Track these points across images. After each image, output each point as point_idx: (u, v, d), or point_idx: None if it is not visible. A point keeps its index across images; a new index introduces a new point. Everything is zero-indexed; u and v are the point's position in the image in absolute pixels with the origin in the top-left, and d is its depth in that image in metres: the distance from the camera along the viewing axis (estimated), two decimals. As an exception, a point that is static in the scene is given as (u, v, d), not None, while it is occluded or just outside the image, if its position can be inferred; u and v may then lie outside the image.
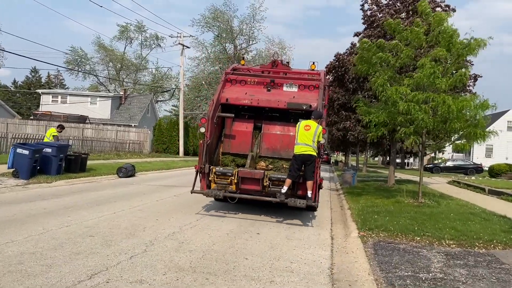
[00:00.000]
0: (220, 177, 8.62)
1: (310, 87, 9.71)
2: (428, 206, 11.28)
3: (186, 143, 38.33)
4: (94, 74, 59.78)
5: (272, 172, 8.77)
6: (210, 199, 10.84)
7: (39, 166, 13.25)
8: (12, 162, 12.76)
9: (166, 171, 21.12)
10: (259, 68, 11.19)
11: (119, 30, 65.43)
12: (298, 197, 8.56)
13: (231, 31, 52.35)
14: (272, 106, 9.28)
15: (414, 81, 11.15)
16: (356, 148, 40.69)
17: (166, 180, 16.23)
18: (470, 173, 39.07)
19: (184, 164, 25.84)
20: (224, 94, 9.47)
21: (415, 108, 10.64)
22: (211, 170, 8.67)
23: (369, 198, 12.96)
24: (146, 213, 8.45)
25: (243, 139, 9.53)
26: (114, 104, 46.49)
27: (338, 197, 14.61)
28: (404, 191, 13.61)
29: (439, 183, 22.10)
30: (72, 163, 15.07)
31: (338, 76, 18.55)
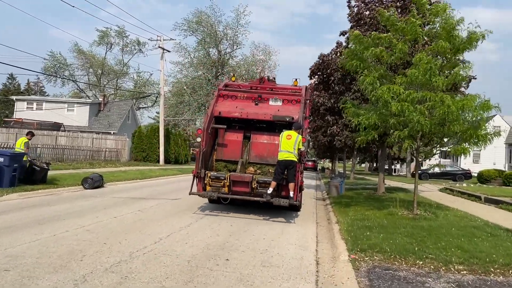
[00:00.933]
0: (214, 180, 9.91)
1: (292, 101, 11.12)
2: (425, 218, 10.08)
3: (167, 151, 36.77)
4: (73, 80, 57.90)
5: (260, 176, 10.13)
6: (180, 213, 9.64)
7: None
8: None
9: (140, 181, 19.64)
10: (248, 84, 12.62)
11: (99, 35, 63.74)
12: (281, 197, 9.83)
13: (215, 36, 51.09)
14: (260, 118, 10.64)
15: (408, 79, 10.00)
16: (343, 155, 39.65)
17: (137, 191, 14.78)
18: (459, 179, 38.27)
19: (162, 173, 24.35)
20: (217, 108, 10.77)
21: (409, 109, 9.47)
22: (206, 175, 9.98)
23: (359, 210, 11.73)
24: (94, 235, 7.03)
25: (234, 147, 10.92)
26: (92, 111, 44.74)
27: (325, 208, 13.35)
28: (396, 200, 12.43)
29: (430, 190, 21.04)
30: (31, 174, 13.54)
31: (323, 78, 17.39)
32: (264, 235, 7.98)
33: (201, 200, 12.29)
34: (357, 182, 26.81)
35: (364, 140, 10.84)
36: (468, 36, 9.86)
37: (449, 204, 14.16)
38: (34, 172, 13.60)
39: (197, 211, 10.54)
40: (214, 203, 11.71)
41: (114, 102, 48.18)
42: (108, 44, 65.69)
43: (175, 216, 9.45)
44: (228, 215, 10.19)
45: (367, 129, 10.75)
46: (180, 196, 13.33)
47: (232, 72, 52.78)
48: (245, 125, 11.17)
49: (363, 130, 10.76)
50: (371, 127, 10.63)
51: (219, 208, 11.25)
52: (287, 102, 11.16)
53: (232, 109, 10.74)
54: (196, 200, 12.44)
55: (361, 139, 10.80)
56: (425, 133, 10.00)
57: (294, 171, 9.56)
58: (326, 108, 17.46)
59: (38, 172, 13.74)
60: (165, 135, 37.51)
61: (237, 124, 11.25)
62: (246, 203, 10.73)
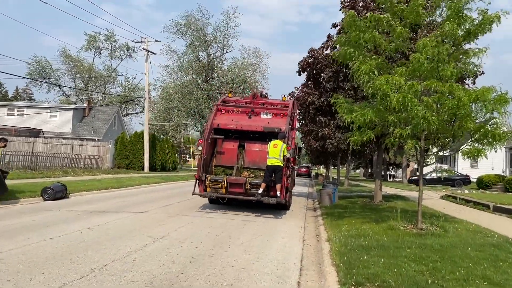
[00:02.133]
0: (214, 183, 11.49)
1: (281, 115, 12.70)
2: (433, 234, 8.44)
3: (152, 158, 35.01)
4: (58, 85, 56.04)
5: (252, 179, 11.72)
6: (137, 231, 7.94)
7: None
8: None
9: (115, 190, 17.86)
10: (243, 100, 14.53)
11: (87, 39, 61.98)
12: (270, 196, 11.38)
13: (204, 39, 49.54)
14: (252, 129, 12.34)
15: (410, 69, 8.42)
16: (336, 160, 38.07)
17: (102, 203, 13.04)
18: (457, 185, 36.83)
19: (142, 181, 22.58)
20: (216, 121, 12.46)
21: (412, 102, 7.87)
22: (206, 178, 11.55)
23: (354, 223, 10.10)
24: (3, 266, 5.32)
25: (230, 155, 12.62)
26: (76, 117, 42.94)
27: (315, 221, 11.69)
28: (397, 211, 10.81)
29: (431, 198, 19.43)
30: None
31: (313, 75, 15.81)
32: (234, 260, 6.30)
33: (168, 214, 10.65)
34: (351, 189, 25.19)
35: (359, 141, 9.21)
36: (480, 18, 8.29)
37: (456, 214, 12.55)
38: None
39: (159, 228, 8.84)
40: (213, 203, 13.31)
41: (100, 108, 46.38)
42: (97, 49, 64.04)
43: (128, 236, 7.74)
44: (199, 233, 8.52)
45: (362, 128, 9.15)
46: (148, 209, 11.62)
47: (223, 77, 51.35)
48: (240, 135, 12.93)
49: (358, 129, 9.15)
50: (366, 125, 9.02)
51: (189, 225, 9.58)
52: (276, 115, 12.78)
53: (229, 122, 12.45)
54: (164, 213, 10.78)
55: (355, 139, 9.18)
56: (432, 132, 8.39)
57: (281, 174, 11.23)
58: (316, 108, 15.85)
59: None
60: (151, 141, 35.79)
61: (233, 135, 12.96)
62: (240, 203, 12.85)
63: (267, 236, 8.56)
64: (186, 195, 16.47)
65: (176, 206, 12.83)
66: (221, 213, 11.71)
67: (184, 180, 28.52)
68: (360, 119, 8.71)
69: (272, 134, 12.05)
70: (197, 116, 47.56)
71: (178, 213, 11.01)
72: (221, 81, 50.80)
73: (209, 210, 12.25)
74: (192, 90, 48.04)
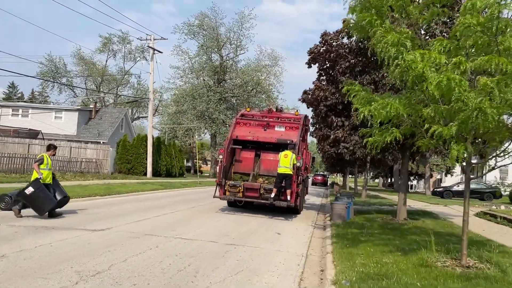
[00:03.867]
0: (232, 187, 13.05)
1: (293, 128, 13.99)
2: (486, 276, 5.90)
3: (157, 163, 32.96)
4: (68, 85, 54.83)
5: (266, 184, 13.12)
6: (66, 262, 5.59)
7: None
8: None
9: (99, 198, 15.68)
10: (259, 114, 15.80)
11: (102, 41, 60.91)
12: (282, 200, 12.71)
13: (217, 40, 47.56)
14: (267, 141, 13.75)
15: (454, 42, 5.97)
16: (354, 168, 35.32)
17: (64, 215, 10.82)
18: (487, 198, 33.63)
19: (137, 188, 20.38)
20: (235, 133, 13.96)
21: (461, 86, 5.42)
22: (226, 183, 13.15)
23: (372, 252, 7.63)
24: None
25: (247, 163, 14.05)
26: (82, 119, 41.32)
27: (322, 244, 9.22)
28: (427, 234, 8.28)
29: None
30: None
31: (326, 66, 13.40)
32: None
33: (131, 234, 8.35)
34: (369, 202, 22.50)
35: (379, 142, 6.77)
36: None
37: (503, 239, 9.89)
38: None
39: (100, 257, 6.52)
40: (232, 206, 14.61)
41: (107, 110, 44.72)
42: (111, 51, 62.96)
43: (49, 271, 5.45)
44: (150, 269, 6.17)
45: (385, 126, 6.71)
46: (113, 225, 9.33)
47: (236, 79, 49.22)
48: (256, 146, 14.12)
49: (378, 126, 6.72)
50: (390, 122, 6.59)
51: (144, 253, 7.24)
52: (288, 128, 14.04)
53: (246, 134, 13.85)
54: (128, 232, 8.46)
55: (374, 140, 6.75)
56: (487, 130, 5.87)
57: (290, 181, 12.44)
58: (328, 106, 13.39)
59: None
60: (156, 144, 33.82)
61: (250, 145, 14.17)
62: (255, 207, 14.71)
63: (249, 273, 6.15)
64: (177, 206, 14.20)
65: (151, 221, 10.53)
66: (196, 240, 9.38)
67: (187, 187, 26.29)
68: (382, 112, 6.27)
69: (284, 145, 13.31)
70: (208, 119, 45.48)
71: (147, 233, 8.70)
72: (233, 84, 48.69)
73: (183, 233, 9.92)
74: (203, 93, 46.08)
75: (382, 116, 6.43)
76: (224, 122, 45.06)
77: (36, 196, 9.61)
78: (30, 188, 9.65)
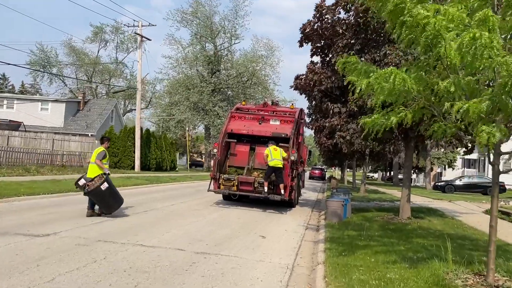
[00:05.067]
0: (226, 181, 13.05)
1: (287, 121, 14.16)
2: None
3: (146, 156, 31.45)
4: (59, 75, 53.10)
5: (260, 178, 13.02)
6: None
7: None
8: None
9: (73, 194, 14.13)
10: (254, 107, 16.00)
11: (93, 31, 59.09)
12: (276, 194, 12.73)
13: (211, 28, 45.86)
14: (262, 134, 13.81)
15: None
16: (352, 162, 33.89)
17: (15, 215, 9.36)
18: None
19: (120, 182, 18.67)
20: (230, 126, 14.13)
21: (492, 48, 3.95)
22: (220, 177, 13.17)
23: (373, 262, 6.21)
24: None
25: (242, 157, 14.14)
26: (70, 110, 39.72)
27: (313, 251, 7.78)
28: (435, 237, 6.86)
29: (472, 212, 15.26)
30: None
31: (320, 45, 11.89)
32: None
33: (78, 241, 6.89)
34: (368, 197, 21.08)
35: (380, 126, 5.30)
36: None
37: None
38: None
39: (17, 277, 5.06)
40: (226, 199, 14.68)
41: (96, 101, 43.15)
42: (103, 41, 61.21)
43: None
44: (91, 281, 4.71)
45: (392, 108, 5.25)
46: (62, 229, 7.85)
47: (231, 70, 47.63)
48: (251, 139, 14.07)
49: (379, 107, 5.26)
50: (396, 99, 5.13)
51: (78, 270, 5.77)
52: (283, 122, 14.01)
53: (241, 127, 13.83)
54: (75, 238, 6.99)
55: (372, 122, 5.31)
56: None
57: (281, 174, 12.44)
58: (323, 91, 11.88)
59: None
60: (145, 137, 32.30)
61: (245, 139, 14.14)
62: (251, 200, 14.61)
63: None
64: (155, 203, 12.74)
65: (113, 223, 9.08)
66: (159, 248, 7.93)
67: (175, 182, 24.82)
68: (384, 85, 4.80)
69: (280, 139, 13.38)
70: (201, 111, 43.93)
71: (100, 238, 7.24)
72: (228, 74, 47.05)
73: (147, 238, 8.47)
74: (196, 83, 44.49)
75: (384, 92, 4.96)
76: (218, 114, 43.50)
77: (108, 193, 9.26)
78: (105, 184, 9.19)
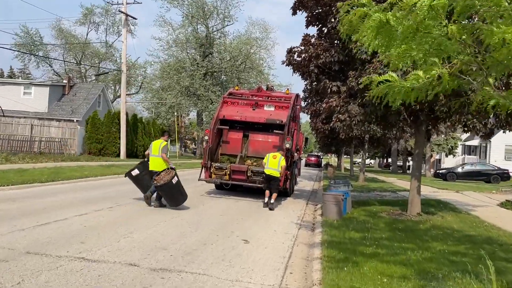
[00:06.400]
0: (218, 170, 12.46)
1: (283, 107, 13.51)
2: None
3: (132, 142, 29.72)
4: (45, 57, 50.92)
5: (254, 167, 12.41)
6: None
7: None
8: None
9: (39, 185, 12.44)
10: (248, 92, 15.73)
11: (82, 12, 56.68)
12: None
13: (202, 9, 43.73)
14: (255, 121, 13.19)
15: None
16: (350, 148, 32.32)
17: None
18: (494, 181, 30.88)
19: (98, 171, 17.13)
20: (222, 112, 13.41)
21: None
22: (212, 165, 12.52)
23: (385, 282, 4.62)
24: None
25: (235, 144, 13.49)
26: (54, 95, 37.68)
27: (306, 262, 6.18)
28: (459, 241, 5.30)
29: (485, 204, 13.73)
30: None
31: (317, 12, 10.15)
32: None
33: None
34: (368, 186, 19.57)
35: (395, 93, 3.65)
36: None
37: None
38: None
39: None
40: (218, 188, 13.99)
41: (82, 85, 41.14)
42: (93, 23, 58.84)
43: None
44: None
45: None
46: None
47: (224, 53, 45.68)
48: (244, 126, 13.63)
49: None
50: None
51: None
52: (278, 108, 13.57)
53: (234, 113, 13.35)
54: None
55: (385, 87, 3.66)
56: None
57: (277, 184, 11.35)
58: (320, 67, 10.16)
59: None
60: (131, 122, 30.58)
61: (238, 125, 13.71)
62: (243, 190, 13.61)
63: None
64: (127, 197, 11.05)
65: (61, 225, 7.45)
66: (104, 263, 6.32)
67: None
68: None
69: (275, 125, 12.87)
70: (192, 96, 42.10)
71: (32, 250, 5.62)
72: (221, 57, 45.08)
73: (94, 247, 6.85)
74: (187, 67, 42.56)
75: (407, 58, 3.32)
76: (211, 99, 41.68)
77: (177, 187, 9.45)
78: (176, 178, 9.39)
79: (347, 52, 9.85)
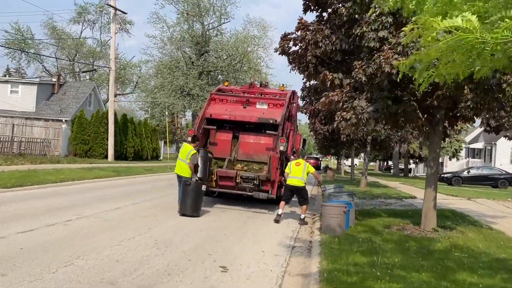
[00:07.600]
0: None
1: (277, 105, 12.17)
2: None
3: (121, 143, 28.23)
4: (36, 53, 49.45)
5: (243, 172, 11.10)
6: None
7: None
8: None
9: (4, 191, 11.08)
10: (239, 89, 14.36)
11: (76, 11, 55.27)
12: (261, 191, 10.73)
13: (198, 6, 42.30)
14: (246, 120, 11.83)
15: None
16: (350, 151, 30.86)
17: None
18: (502, 186, 29.40)
19: (78, 175, 15.58)
20: (209, 110, 12.03)
21: None
22: None
23: None
24: None
25: (224, 146, 12.19)
26: (43, 94, 36.18)
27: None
28: (492, 270, 3.86)
29: (503, 215, 12.26)
30: None
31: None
32: None
33: None
34: (372, 192, 18.08)
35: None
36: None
37: None
38: None
39: None
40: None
41: (72, 84, 39.67)
42: (87, 21, 57.38)
43: None
44: None
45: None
46: None
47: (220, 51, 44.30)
48: (234, 126, 12.31)
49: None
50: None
51: None
52: (272, 105, 12.20)
53: (222, 112, 11.96)
54: None
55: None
56: None
57: (305, 194, 9.93)
58: (319, 57, 8.68)
59: None
60: (121, 122, 29.12)
61: (227, 125, 12.39)
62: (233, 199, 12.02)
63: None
64: (106, 203, 9.57)
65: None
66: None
67: (151, 173, 21.72)
68: None
69: (269, 125, 11.77)
70: (186, 96, 40.64)
71: None
72: (218, 56, 43.64)
73: (29, 275, 5.36)
74: (182, 66, 41.13)
75: None
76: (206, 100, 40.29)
77: (201, 193, 9.63)
78: (204, 186, 9.66)
79: (351, 40, 8.41)
